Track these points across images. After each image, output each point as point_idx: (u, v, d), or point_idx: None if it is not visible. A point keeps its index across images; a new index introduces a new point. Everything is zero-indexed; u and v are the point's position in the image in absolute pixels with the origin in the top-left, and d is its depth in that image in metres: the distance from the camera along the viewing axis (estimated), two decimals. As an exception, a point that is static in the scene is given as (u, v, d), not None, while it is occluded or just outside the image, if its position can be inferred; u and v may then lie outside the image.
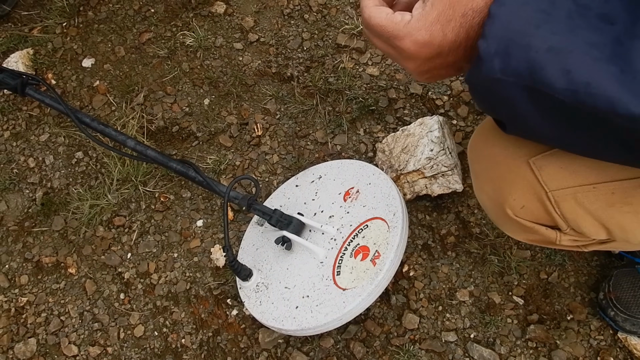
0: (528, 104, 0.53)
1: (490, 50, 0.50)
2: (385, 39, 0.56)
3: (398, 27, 0.54)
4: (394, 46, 0.56)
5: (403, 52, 0.55)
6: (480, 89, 0.56)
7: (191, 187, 1.33)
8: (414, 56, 0.55)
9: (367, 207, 1.08)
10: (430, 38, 0.53)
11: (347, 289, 0.99)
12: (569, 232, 0.74)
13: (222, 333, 1.17)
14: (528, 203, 0.72)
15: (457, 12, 0.52)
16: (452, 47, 0.54)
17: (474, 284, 1.14)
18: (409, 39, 0.54)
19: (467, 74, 0.56)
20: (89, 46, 1.56)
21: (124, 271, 1.27)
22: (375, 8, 0.57)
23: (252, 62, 1.46)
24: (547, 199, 0.70)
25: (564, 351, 1.06)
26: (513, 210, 0.74)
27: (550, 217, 0.72)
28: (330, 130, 1.34)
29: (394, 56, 0.58)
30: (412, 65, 0.57)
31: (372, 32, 0.58)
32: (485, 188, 0.79)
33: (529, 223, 0.75)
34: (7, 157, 1.44)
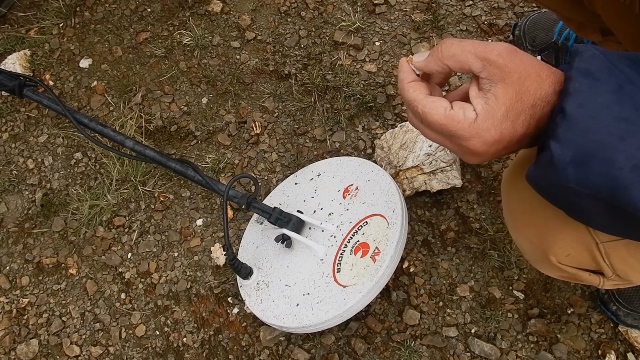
0: (600, 212, 0.49)
1: (565, 158, 0.46)
2: (447, 136, 0.52)
3: (462, 126, 0.50)
4: (457, 144, 0.52)
5: (468, 151, 0.51)
6: (544, 188, 0.52)
7: (190, 187, 1.33)
8: (481, 153, 0.51)
9: (366, 204, 1.08)
10: (500, 137, 0.49)
11: (348, 286, 0.99)
12: (613, 278, 0.71)
13: (223, 331, 1.18)
14: (575, 252, 0.68)
15: (526, 104, 0.48)
16: (522, 139, 0.51)
17: (474, 279, 1.14)
18: (477, 140, 0.50)
19: (532, 171, 0.51)
20: (86, 47, 1.55)
21: (124, 271, 1.27)
22: (430, 102, 0.52)
23: (250, 61, 1.46)
24: (597, 249, 0.66)
25: (565, 345, 1.06)
26: (557, 258, 0.70)
27: (597, 265, 0.69)
28: (329, 127, 1.34)
29: (453, 150, 0.54)
30: (476, 160, 0.53)
31: (430, 128, 0.53)
32: (525, 231, 0.74)
33: (572, 269, 0.71)
34: (6, 159, 1.44)
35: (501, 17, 1.40)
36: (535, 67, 0.49)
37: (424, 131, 0.55)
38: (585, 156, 0.45)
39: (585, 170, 0.45)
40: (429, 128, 0.54)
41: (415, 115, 0.55)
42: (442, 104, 0.51)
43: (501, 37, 1.37)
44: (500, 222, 1.17)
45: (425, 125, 0.54)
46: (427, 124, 0.53)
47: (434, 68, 0.54)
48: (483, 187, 1.22)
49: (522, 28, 1.30)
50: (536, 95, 0.48)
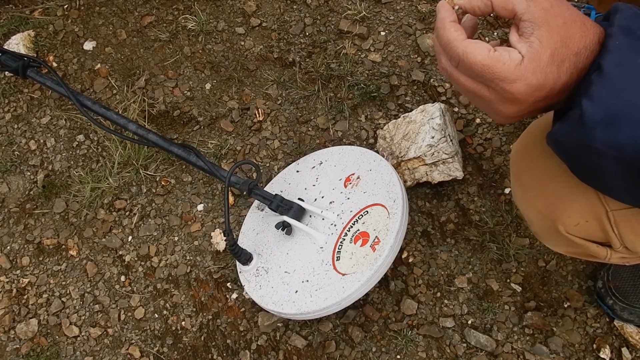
0: (620, 175, 0.48)
1: (596, 117, 0.45)
2: (487, 80, 0.49)
3: (508, 67, 0.47)
4: (498, 89, 0.49)
5: (509, 95, 0.49)
6: (566, 147, 0.51)
7: (192, 172, 1.34)
8: (522, 100, 0.49)
9: (367, 194, 1.08)
10: (544, 81, 0.47)
11: (347, 274, 1.00)
12: (621, 250, 0.71)
13: (221, 316, 1.19)
14: (584, 221, 0.68)
15: (571, 50, 0.47)
16: (562, 89, 0.49)
17: (472, 270, 1.15)
18: (521, 83, 0.47)
19: (557, 129, 0.50)
20: (90, 29, 1.55)
21: (124, 254, 1.28)
22: (471, 43, 0.49)
23: (254, 47, 1.45)
24: (607, 218, 0.66)
25: (560, 338, 1.07)
26: (566, 227, 0.69)
27: (605, 235, 0.69)
28: (332, 116, 1.34)
29: (488, 99, 0.51)
30: (513, 109, 0.51)
31: (468, 71, 0.50)
32: (535, 201, 0.73)
33: (580, 240, 0.71)
34: (9, 139, 1.44)
35: (507, 10, 1.39)
36: (580, 16, 0.48)
37: (458, 78, 0.52)
38: (617, 117, 0.44)
39: (615, 132, 0.44)
40: (465, 73, 0.51)
41: (451, 59, 0.51)
42: (485, 45, 0.49)
43: (507, 30, 1.37)
44: (500, 215, 1.18)
45: (461, 68, 0.51)
46: (466, 67, 0.50)
47: (478, 5, 0.51)
48: (484, 179, 1.22)
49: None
50: (580, 43, 0.47)
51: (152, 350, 1.18)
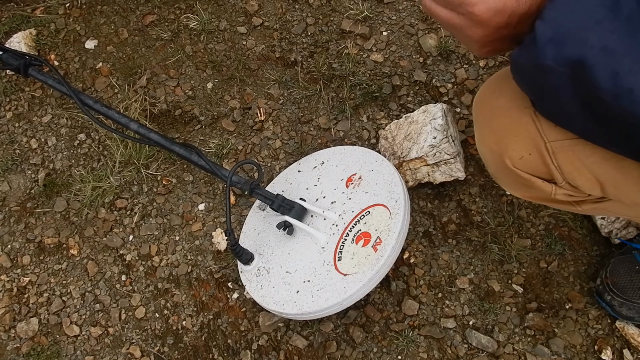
0: (570, 94, 0.53)
1: (547, 35, 0.51)
2: (456, 5, 0.56)
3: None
4: (465, 12, 0.56)
5: (474, 17, 0.55)
6: (524, 70, 0.57)
7: (193, 171, 1.33)
8: (485, 23, 0.55)
9: (369, 194, 1.08)
10: (503, 6, 0.54)
11: (348, 274, 1.00)
12: (564, 186, 0.76)
13: (222, 316, 1.18)
14: (527, 154, 0.74)
15: None
16: (522, 19, 0.55)
17: (473, 271, 1.15)
18: (483, 5, 0.54)
19: (516, 53, 0.56)
20: (92, 28, 1.55)
21: (125, 253, 1.27)
22: None
23: (256, 47, 1.45)
24: (546, 149, 0.71)
25: (562, 339, 1.07)
26: (512, 161, 0.75)
27: (548, 170, 0.74)
28: (334, 116, 1.34)
29: (459, 25, 0.58)
30: (479, 32, 0.57)
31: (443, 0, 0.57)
32: (487, 139, 0.80)
33: (526, 175, 0.76)
34: (10, 138, 1.44)
35: (510, 10, 1.39)
36: None
37: (436, 10, 0.59)
38: (563, 36, 0.50)
39: (561, 48, 0.50)
40: (440, 3, 0.58)
41: None
42: None
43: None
44: (502, 216, 1.18)
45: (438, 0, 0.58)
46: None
47: None
48: (486, 180, 1.22)
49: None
50: None
51: (153, 349, 1.18)
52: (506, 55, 1.34)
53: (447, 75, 1.34)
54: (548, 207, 1.17)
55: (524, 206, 1.18)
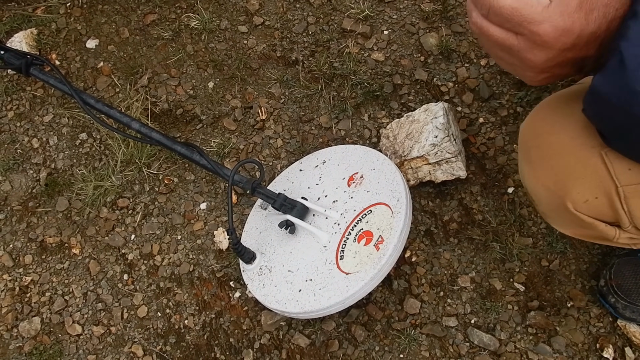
0: None
1: (637, 57, 0.45)
2: (516, 23, 0.51)
3: (535, 10, 0.50)
4: (527, 32, 0.51)
5: (537, 38, 0.50)
6: (606, 99, 0.51)
7: (195, 170, 1.33)
8: (549, 44, 0.50)
9: (371, 193, 1.08)
10: (571, 25, 0.49)
11: (350, 273, 1.00)
12: (630, 230, 0.70)
13: (224, 315, 1.19)
14: (592, 197, 0.68)
15: (600, 1, 0.48)
16: (590, 40, 0.50)
17: (475, 270, 1.15)
18: (548, 24, 0.49)
19: (598, 80, 0.50)
20: (93, 27, 1.55)
21: (127, 252, 1.28)
22: None
23: (257, 46, 1.45)
24: (616, 194, 0.66)
25: (564, 337, 1.07)
26: (574, 205, 0.69)
27: (614, 214, 0.68)
28: (335, 115, 1.34)
29: (516, 47, 0.53)
30: (541, 56, 0.52)
31: (498, 18, 0.52)
32: (543, 178, 0.73)
33: (588, 219, 0.70)
34: (11, 137, 1.44)
35: (511, 9, 1.39)
36: None
37: (488, 29, 0.54)
38: None
39: None
40: (495, 21, 0.53)
41: (482, 8, 0.53)
42: None
43: None
44: (503, 215, 1.18)
45: (492, 16, 0.53)
46: (496, 13, 0.52)
47: None
48: (487, 179, 1.22)
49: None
50: None
51: (155, 348, 1.18)
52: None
53: (448, 74, 1.34)
54: (549, 206, 1.17)
55: (525, 205, 1.18)
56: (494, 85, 1.31)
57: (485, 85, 1.31)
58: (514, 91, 1.30)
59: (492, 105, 1.29)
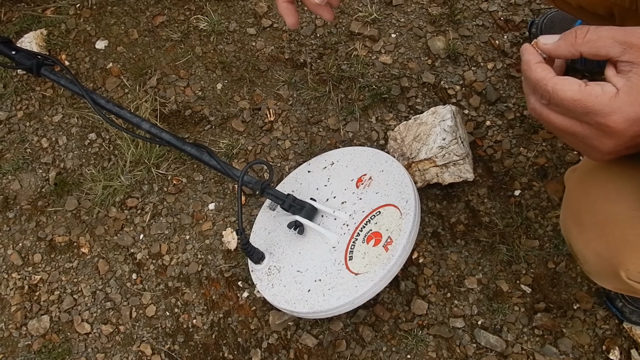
0: None
1: None
2: (580, 114, 0.50)
3: (602, 101, 0.48)
4: (593, 123, 0.49)
5: (605, 129, 0.49)
6: None
7: (203, 171, 1.34)
8: (619, 134, 0.49)
9: (379, 194, 1.09)
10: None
11: (360, 273, 1.01)
12: None
13: (232, 314, 1.19)
14: None
15: None
16: None
17: (482, 272, 1.16)
18: (618, 116, 0.47)
19: None
20: (102, 28, 1.56)
21: (136, 252, 1.29)
22: (561, 79, 0.50)
23: (265, 48, 1.46)
24: None
25: (570, 339, 1.08)
26: (627, 274, 0.67)
27: None
28: (343, 117, 1.35)
29: (582, 134, 0.51)
30: (610, 143, 0.50)
31: (560, 108, 0.51)
32: (594, 243, 0.71)
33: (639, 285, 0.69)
34: (21, 137, 1.45)
35: (517, 13, 1.40)
36: None
37: (549, 116, 0.53)
38: None
39: None
40: (556, 110, 0.52)
41: (542, 97, 0.52)
42: (575, 81, 0.49)
43: (517, 34, 1.38)
44: (510, 217, 1.19)
45: (552, 106, 0.52)
46: (557, 103, 0.50)
47: (564, 53, 0.52)
48: (494, 181, 1.23)
49: (539, 26, 1.31)
50: None
51: (164, 347, 1.19)
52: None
53: (455, 77, 1.35)
54: (556, 209, 1.18)
55: (532, 207, 1.19)
56: (500, 88, 1.32)
57: (492, 89, 1.32)
58: (521, 95, 1.31)
59: (499, 109, 1.30)
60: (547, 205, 1.19)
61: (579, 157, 1.22)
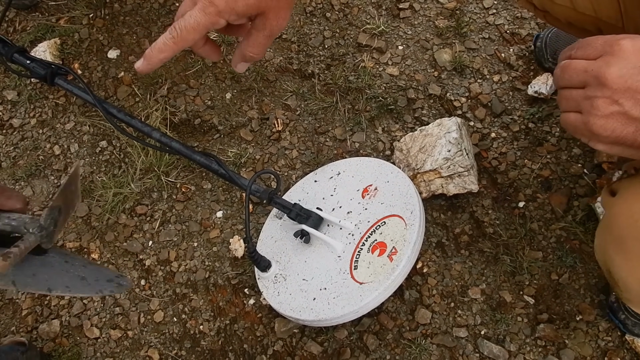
0: None
1: None
2: (597, 45, 0.55)
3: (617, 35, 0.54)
4: (605, 45, 0.54)
5: (615, 47, 0.53)
6: None
7: (212, 179, 1.37)
8: (625, 55, 0.53)
9: (385, 205, 1.11)
10: None
11: (364, 283, 1.03)
12: None
13: (239, 321, 1.21)
14: None
15: None
16: None
17: (485, 282, 1.17)
18: (629, 40, 0.53)
19: None
20: (115, 38, 1.59)
21: (145, 258, 1.31)
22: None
23: (274, 58, 1.49)
24: None
25: (572, 350, 1.09)
26: None
27: None
28: (349, 127, 1.37)
29: (591, 69, 0.55)
30: (615, 70, 0.53)
31: (583, 44, 0.56)
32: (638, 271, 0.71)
33: None
34: (34, 144, 1.48)
35: (524, 26, 1.42)
36: None
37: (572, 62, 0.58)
38: None
39: None
40: (579, 55, 0.57)
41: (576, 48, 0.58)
42: None
43: (523, 47, 1.40)
44: (514, 228, 1.20)
45: (578, 49, 0.58)
46: (581, 45, 0.58)
47: None
48: (498, 193, 1.25)
49: (544, 40, 1.32)
50: None
51: (171, 353, 1.21)
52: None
53: (462, 89, 1.37)
54: (560, 221, 1.20)
55: (535, 219, 1.21)
56: (506, 101, 1.34)
57: (498, 101, 1.34)
58: (526, 107, 1.33)
59: (504, 121, 1.32)
60: (551, 217, 1.21)
61: (583, 170, 1.24)
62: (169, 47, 0.60)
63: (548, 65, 1.34)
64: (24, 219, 0.65)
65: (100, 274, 0.69)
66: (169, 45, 0.60)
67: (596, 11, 0.85)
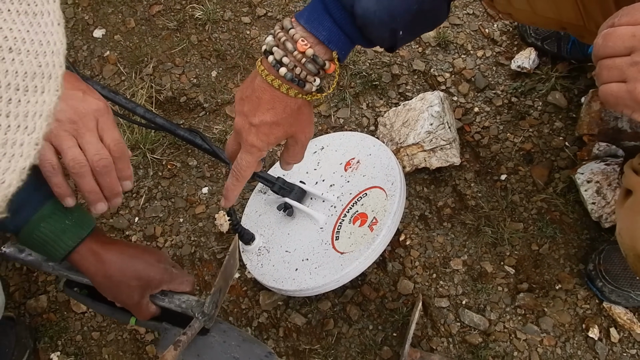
0: None
1: None
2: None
3: None
4: None
5: None
6: None
7: (197, 156, 1.38)
8: None
9: (366, 177, 1.12)
10: None
11: (345, 252, 1.04)
12: None
13: (224, 295, 1.23)
14: None
15: None
16: None
17: (467, 253, 1.19)
18: None
19: None
20: (100, 17, 1.59)
21: (131, 234, 1.32)
22: None
23: (260, 36, 1.49)
24: None
25: (551, 318, 1.11)
26: None
27: None
28: (334, 104, 1.37)
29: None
30: None
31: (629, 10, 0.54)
32: None
33: None
34: (20, 123, 1.48)
35: (507, 2, 1.42)
36: None
37: (618, 29, 0.55)
38: None
39: None
40: (625, 22, 0.54)
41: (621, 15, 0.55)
42: None
43: (507, 22, 1.40)
44: (496, 201, 1.22)
45: (623, 17, 0.54)
46: (627, 12, 0.54)
47: None
48: (481, 166, 1.26)
49: (527, 13, 1.33)
50: None
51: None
52: (502, 45, 1.37)
53: (445, 64, 1.38)
54: (541, 192, 1.21)
55: (517, 191, 1.22)
56: (489, 76, 1.35)
57: (481, 76, 1.34)
58: (509, 82, 1.33)
59: (488, 96, 1.33)
60: (532, 189, 1.22)
61: (564, 142, 1.25)
62: (237, 186, 0.78)
63: (531, 41, 1.34)
64: (192, 301, 0.80)
65: (252, 354, 0.82)
66: (236, 185, 0.78)
67: (556, 13, 0.87)
